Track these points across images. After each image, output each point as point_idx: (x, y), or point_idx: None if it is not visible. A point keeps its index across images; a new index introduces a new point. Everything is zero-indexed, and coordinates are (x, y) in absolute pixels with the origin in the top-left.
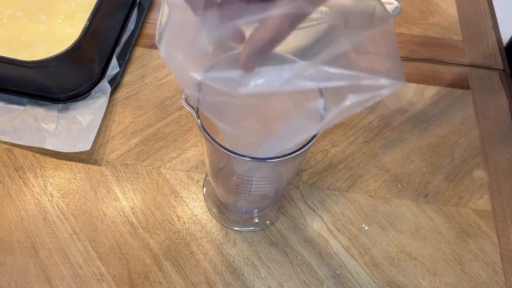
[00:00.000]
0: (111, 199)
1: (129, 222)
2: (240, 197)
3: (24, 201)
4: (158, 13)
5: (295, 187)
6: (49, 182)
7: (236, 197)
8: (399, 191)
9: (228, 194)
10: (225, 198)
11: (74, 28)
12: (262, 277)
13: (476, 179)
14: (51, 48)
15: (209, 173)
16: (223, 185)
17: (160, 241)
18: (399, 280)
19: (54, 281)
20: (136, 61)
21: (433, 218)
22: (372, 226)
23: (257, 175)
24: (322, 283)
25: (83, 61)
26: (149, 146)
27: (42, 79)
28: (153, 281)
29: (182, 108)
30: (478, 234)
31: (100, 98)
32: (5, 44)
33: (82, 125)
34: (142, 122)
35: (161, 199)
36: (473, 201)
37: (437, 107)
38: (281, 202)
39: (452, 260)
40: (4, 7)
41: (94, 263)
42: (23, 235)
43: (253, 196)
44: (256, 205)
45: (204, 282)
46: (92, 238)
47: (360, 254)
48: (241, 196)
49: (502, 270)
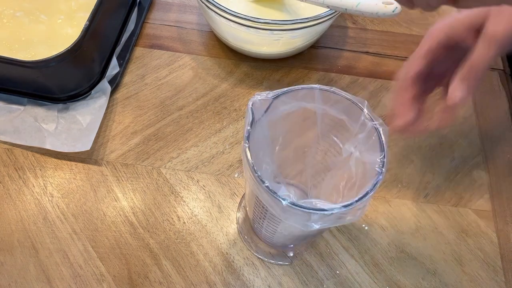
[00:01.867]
0: (111, 199)
1: (129, 222)
2: (282, 235)
3: (24, 201)
4: (158, 13)
5: None
6: (49, 182)
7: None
8: (399, 191)
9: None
10: (263, 233)
11: (74, 28)
12: (262, 277)
13: (476, 179)
14: (51, 48)
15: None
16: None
17: (160, 241)
18: (399, 280)
19: (54, 281)
20: (136, 61)
21: (433, 218)
22: (372, 226)
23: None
24: (322, 283)
25: (83, 61)
26: (149, 146)
27: (42, 79)
28: (153, 281)
29: (182, 108)
30: (478, 234)
31: (100, 98)
32: (5, 44)
33: (82, 125)
34: (142, 122)
35: (161, 199)
36: (473, 201)
37: (437, 107)
38: None
39: (452, 260)
40: (4, 7)
41: (94, 263)
42: (23, 235)
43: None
44: (295, 241)
45: (204, 282)
46: (92, 238)
47: (360, 254)
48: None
49: (502, 270)
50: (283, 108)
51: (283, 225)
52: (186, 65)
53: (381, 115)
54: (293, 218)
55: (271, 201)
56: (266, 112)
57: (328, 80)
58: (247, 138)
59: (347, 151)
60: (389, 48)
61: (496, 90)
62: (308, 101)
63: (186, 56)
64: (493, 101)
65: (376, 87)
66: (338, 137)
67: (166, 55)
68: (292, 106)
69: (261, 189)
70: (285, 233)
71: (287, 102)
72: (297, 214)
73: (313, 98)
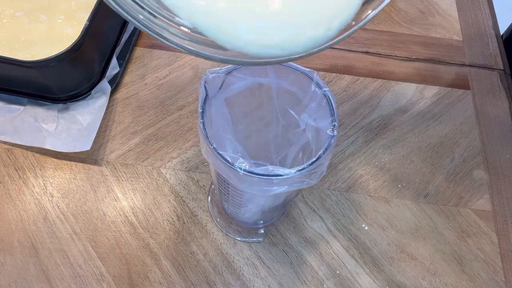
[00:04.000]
0: (111, 199)
1: (129, 222)
2: (248, 209)
3: (24, 201)
4: None
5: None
6: (49, 182)
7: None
8: (399, 191)
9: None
10: (231, 210)
11: (74, 28)
12: (262, 277)
13: (476, 179)
14: (51, 48)
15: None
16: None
17: (160, 241)
18: (399, 280)
19: (54, 281)
20: (136, 61)
21: (433, 218)
22: (372, 226)
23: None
24: (322, 283)
25: (83, 61)
26: (149, 146)
27: (42, 79)
28: (153, 281)
29: (182, 108)
30: (478, 234)
31: (100, 98)
32: (5, 44)
33: (82, 125)
34: (142, 122)
35: (161, 199)
36: (473, 201)
37: (437, 107)
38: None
39: (452, 260)
40: (4, 7)
41: (94, 263)
42: (23, 235)
43: (262, 207)
44: (263, 216)
45: (204, 282)
46: (92, 238)
47: (360, 254)
48: (248, 208)
49: (502, 270)
50: (239, 84)
51: (246, 197)
52: (186, 65)
53: (381, 116)
54: (252, 187)
55: (229, 173)
56: (220, 89)
57: (328, 80)
58: (201, 114)
59: (304, 122)
60: (389, 48)
61: (496, 90)
62: (262, 76)
63: (186, 56)
64: (493, 101)
65: (376, 87)
66: (294, 110)
67: (166, 55)
68: (247, 82)
69: (219, 162)
70: (251, 206)
71: (242, 78)
72: (255, 182)
73: (266, 73)
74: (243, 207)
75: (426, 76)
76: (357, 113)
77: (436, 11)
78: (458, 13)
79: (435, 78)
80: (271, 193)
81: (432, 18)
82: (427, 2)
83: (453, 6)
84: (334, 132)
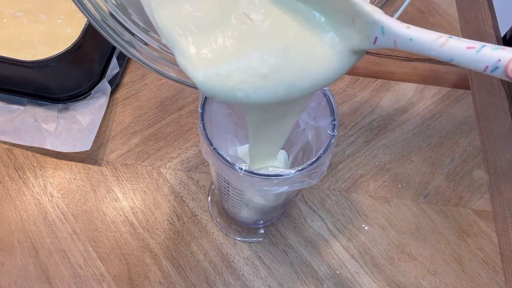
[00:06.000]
0: (111, 199)
1: (129, 222)
2: (248, 209)
3: (24, 201)
4: None
5: None
6: (49, 182)
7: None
8: (399, 191)
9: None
10: (231, 211)
11: (74, 28)
12: (262, 277)
13: (476, 179)
14: (51, 48)
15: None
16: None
17: (160, 241)
18: (399, 280)
19: (54, 281)
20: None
21: (433, 218)
22: (372, 226)
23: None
24: (322, 283)
25: (83, 61)
26: (149, 146)
27: (42, 79)
28: (153, 281)
29: (182, 108)
30: (478, 234)
31: (100, 98)
32: (5, 44)
33: (82, 125)
34: (142, 122)
35: (161, 199)
36: (473, 201)
37: (437, 107)
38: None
39: (452, 260)
40: (4, 7)
41: (94, 263)
42: (23, 235)
43: (262, 207)
44: (263, 216)
45: (204, 282)
46: (92, 238)
47: (360, 254)
48: (248, 208)
49: (502, 270)
50: None
51: (246, 197)
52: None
53: (381, 116)
54: (252, 187)
55: (229, 173)
56: None
57: None
58: (201, 115)
59: (304, 122)
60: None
61: (496, 90)
62: None
63: None
64: (493, 101)
65: (376, 87)
66: None
67: None
68: None
69: (219, 162)
70: (251, 206)
71: None
72: (255, 182)
73: None
74: (243, 207)
75: (426, 76)
76: (357, 113)
77: (436, 11)
78: (458, 13)
79: (435, 78)
80: (271, 193)
81: (432, 18)
82: (427, 2)
83: (453, 6)
84: (334, 132)
